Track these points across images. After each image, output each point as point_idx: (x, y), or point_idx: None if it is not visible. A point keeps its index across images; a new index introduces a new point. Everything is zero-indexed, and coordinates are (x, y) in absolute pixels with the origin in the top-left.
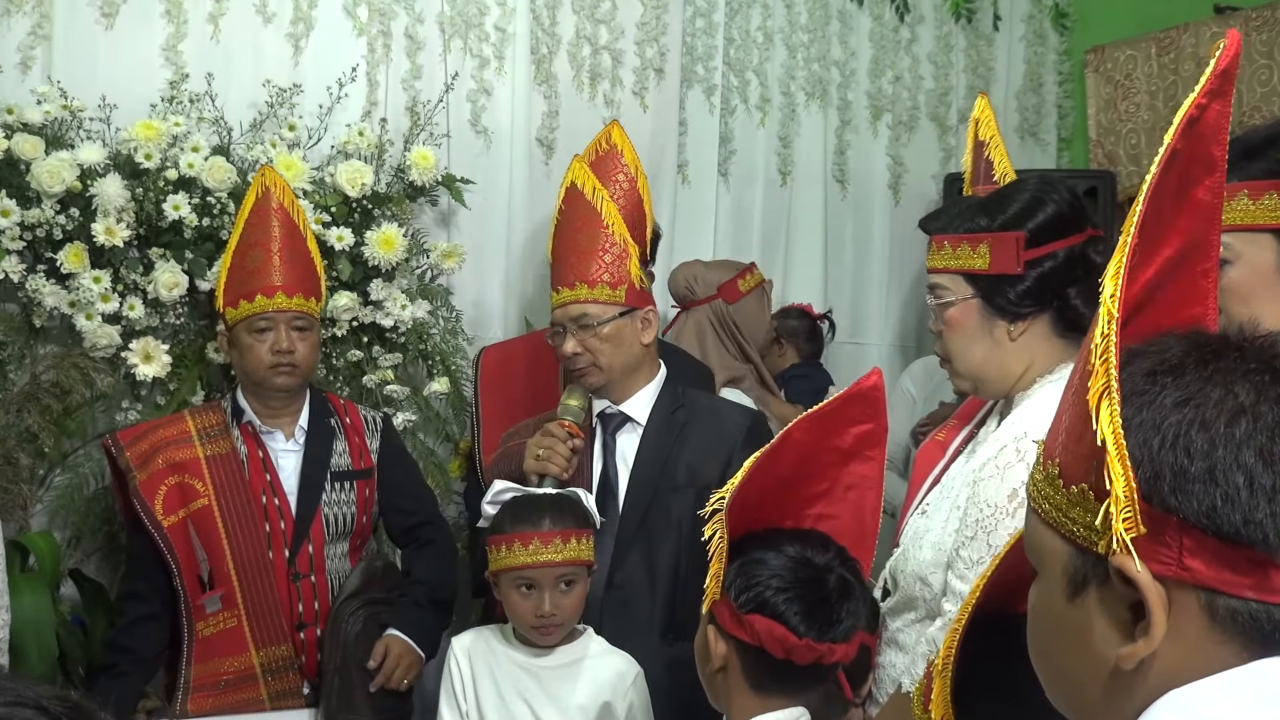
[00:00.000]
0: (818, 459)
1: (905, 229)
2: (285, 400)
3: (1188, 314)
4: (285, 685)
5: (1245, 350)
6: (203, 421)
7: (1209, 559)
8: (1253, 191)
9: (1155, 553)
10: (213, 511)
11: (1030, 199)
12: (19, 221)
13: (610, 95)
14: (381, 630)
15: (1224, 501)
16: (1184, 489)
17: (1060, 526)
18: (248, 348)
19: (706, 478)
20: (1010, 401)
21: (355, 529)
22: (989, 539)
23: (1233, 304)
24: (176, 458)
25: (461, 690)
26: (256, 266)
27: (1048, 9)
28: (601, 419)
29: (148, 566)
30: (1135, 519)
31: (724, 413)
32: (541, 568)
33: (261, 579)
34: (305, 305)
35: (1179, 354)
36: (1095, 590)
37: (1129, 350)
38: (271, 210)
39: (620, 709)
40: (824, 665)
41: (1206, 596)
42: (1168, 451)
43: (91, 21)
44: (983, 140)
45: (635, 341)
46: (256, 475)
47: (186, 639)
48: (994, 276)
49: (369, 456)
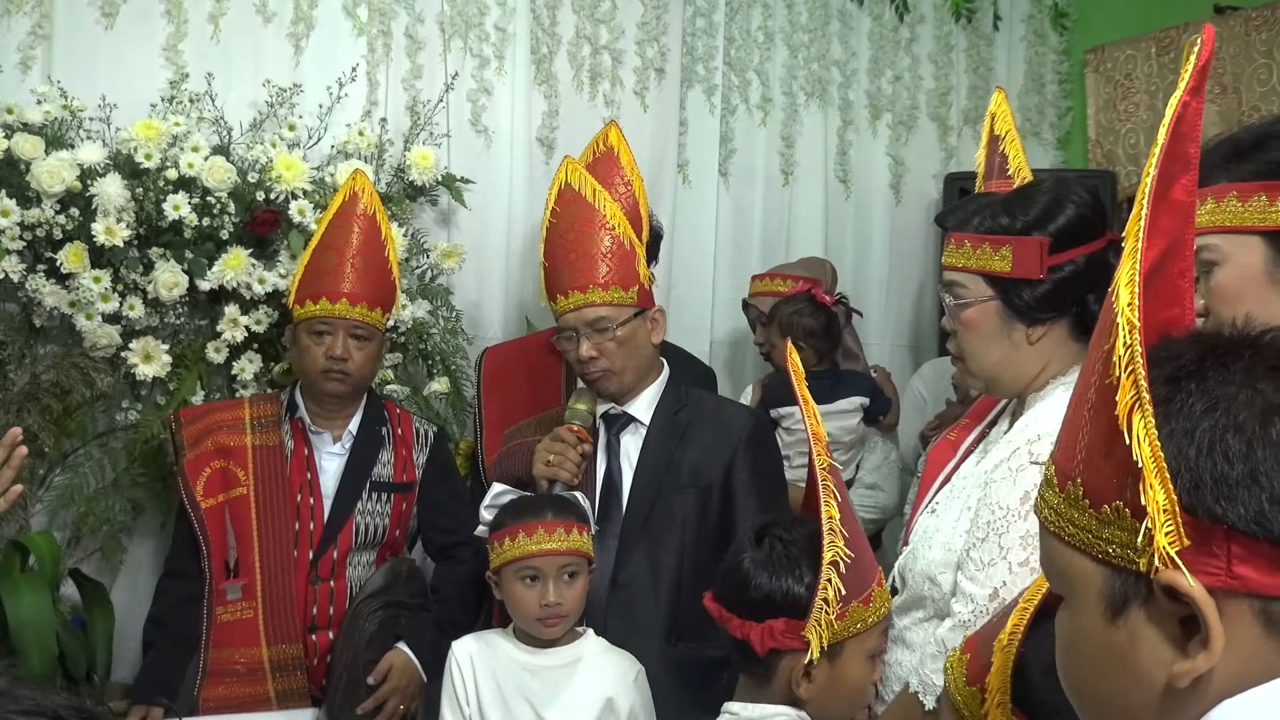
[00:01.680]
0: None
1: (906, 229)
2: (338, 404)
3: (1166, 315)
4: (292, 685)
5: (1259, 348)
6: (259, 410)
7: (1260, 565)
8: (1241, 193)
9: (1203, 564)
10: (249, 501)
11: (1051, 200)
12: (19, 221)
13: (610, 95)
14: (396, 636)
15: (1271, 504)
16: (1228, 495)
17: (1092, 549)
18: (305, 349)
19: (709, 478)
20: (1023, 402)
21: (386, 540)
22: (1000, 540)
23: (1221, 306)
24: (226, 443)
25: (464, 694)
26: (329, 269)
27: (1048, 9)
28: (605, 419)
29: (192, 547)
30: (1179, 532)
31: (726, 412)
32: (546, 556)
33: (282, 576)
34: (368, 315)
35: (1194, 358)
36: (1138, 609)
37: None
38: (355, 215)
39: (623, 707)
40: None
41: (1260, 604)
42: (1205, 459)
43: (91, 21)
44: (998, 135)
45: (646, 342)
46: (297, 472)
47: (207, 621)
48: (1015, 280)
49: (413, 470)
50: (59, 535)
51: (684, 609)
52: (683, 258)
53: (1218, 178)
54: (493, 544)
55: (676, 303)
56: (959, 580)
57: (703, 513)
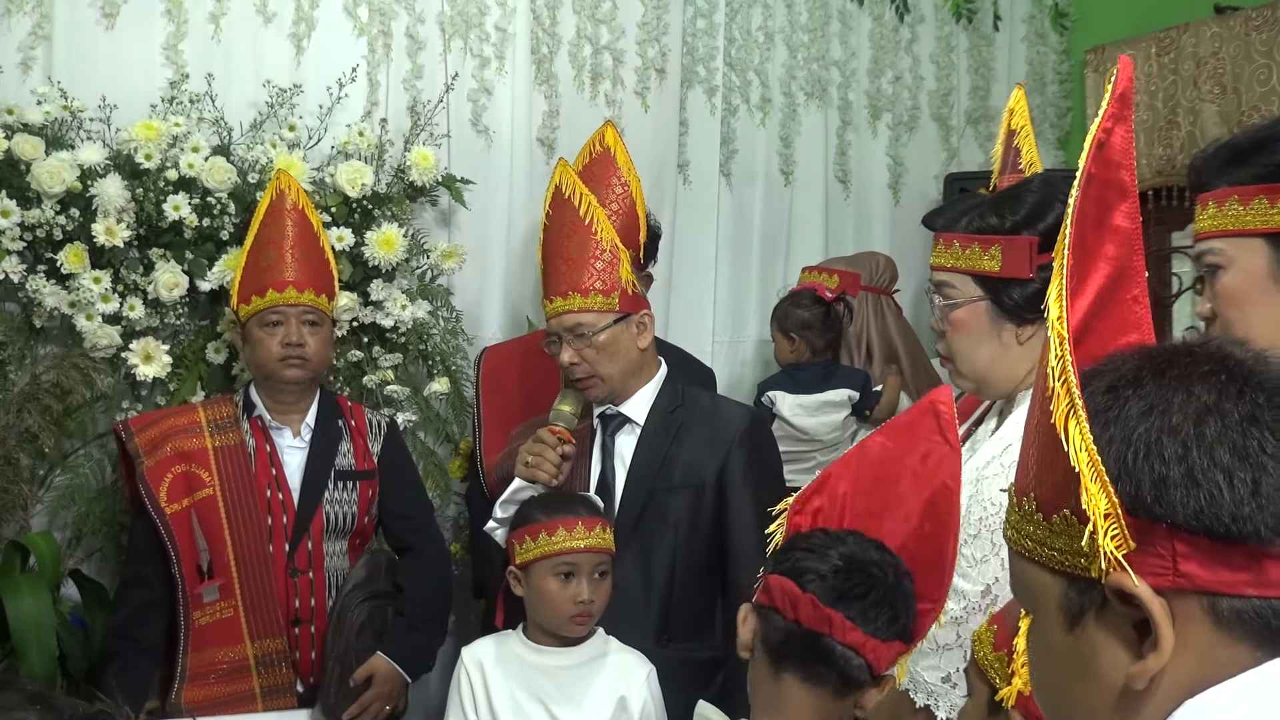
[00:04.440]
0: (893, 476)
1: (906, 229)
2: (295, 396)
3: (1125, 341)
4: (277, 680)
5: (1195, 354)
6: (214, 413)
7: (1204, 561)
8: (1242, 196)
9: (1149, 565)
10: (217, 502)
11: (1039, 200)
12: (19, 222)
13: (611, 95)
14: (384, 625)
15: (1209, 502)
16: (1167, 496)
17: (1048, 561)
18: (258, 341)
19: (703, 477)
20: (1012, 400)
21: (356, 528)
22: (993, 537)
23: (1226, 308)
24: (185, 447)
25: (472, 703)
26: (269, 264)
27: (1048, 9)
28: (601, 420)
29: (152, 553)
30: (1123, 534)
31: (722, 411)
32: (584, 553)
33: (260, 571)
34: (316, 301)
35: (1133, 367)
36: (1094, 617)
37: (1083, 373)
38: (285, 210)
39: (635, 706)
40: (832, 641)
41: (1208, 600)
42: (1143, 462)
43: (92, 21)
44: (1014, 130)
45: (632, 347)
46: (262, 469)
47: (183, 628)
48: (1004, 279)
49: (372, 459)
50: (59, 535)
51: (675, 610)
52: (683, 258)
53: (1218, 182)
54: (521, 539)
55: (677, 303)
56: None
57: (696, 513)
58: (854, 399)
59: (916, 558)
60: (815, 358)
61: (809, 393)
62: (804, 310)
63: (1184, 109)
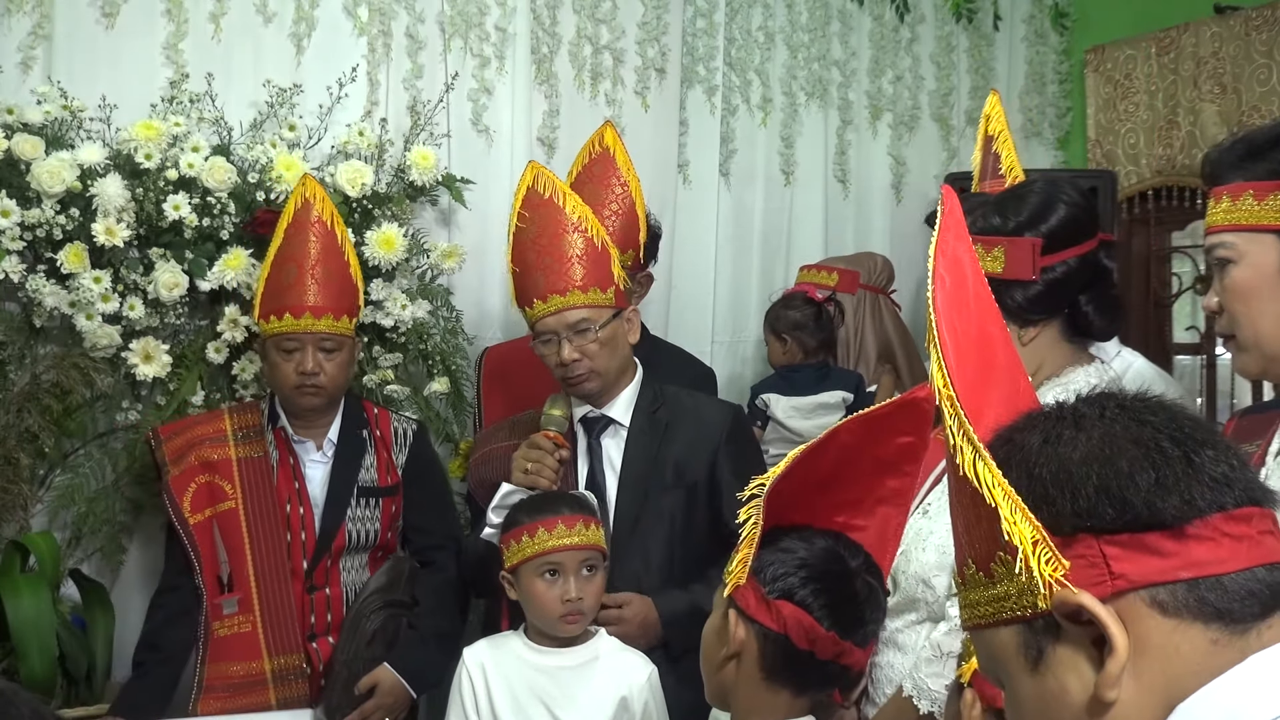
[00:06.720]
0: (856, 465)
1: (907, 229)
2: (315, 415)
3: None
4: (293, 693)
5: (1066, 403)
6: (240, 421)
7: (1133, 555)
8: (1257, 192)
9: (1086, 577)
10: (238, 515)
11: (1043, 201)
12: (19, 221)
13: (611, 95)
14: (396, 636)
15: (1123, 502)
16: (1085, 509)
17: (1000, 615)
18: (275, 365)
19: (694, 475)
20: None
21: (379, 542)
22: None
23: (1234, 303)
24: (210, 456)
25: (473, 704)
26: (290, 284)
27: (1048, 9)
28: (585, 423)
29: (186, 562)
30: (1055, 556)
31: (705, 410)
32: (566, 551)
33: (280, 587)
34: (335, 326)
35: (1021, 422)
36: (1053, 649)
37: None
38: (309, 224)
39: (636, 706)
40: (838, 665)
41: (1148, 594)
42: (1052, 486)
43: (92, 21)
44: (992, 135)
45: (625, 343)
46: (285, 482)
47: (203, 637)
48: (1007, 281)
49: (395, 472)
50: (59, 535)
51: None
52: (683, 258)
53: (1232, 176)
54: (508, 543)
55: (677, 303)
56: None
57: (689, 509)
58: (848, 401)
59: (874, 548)
60: (808, 359)
61: (804, 395)
62: (795, 311)
63: (1184, 109)
